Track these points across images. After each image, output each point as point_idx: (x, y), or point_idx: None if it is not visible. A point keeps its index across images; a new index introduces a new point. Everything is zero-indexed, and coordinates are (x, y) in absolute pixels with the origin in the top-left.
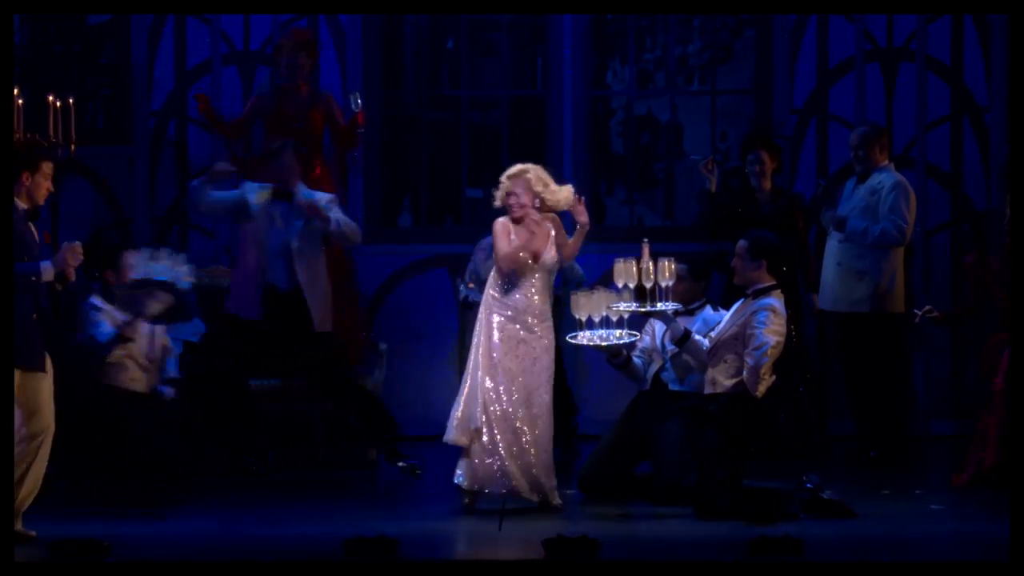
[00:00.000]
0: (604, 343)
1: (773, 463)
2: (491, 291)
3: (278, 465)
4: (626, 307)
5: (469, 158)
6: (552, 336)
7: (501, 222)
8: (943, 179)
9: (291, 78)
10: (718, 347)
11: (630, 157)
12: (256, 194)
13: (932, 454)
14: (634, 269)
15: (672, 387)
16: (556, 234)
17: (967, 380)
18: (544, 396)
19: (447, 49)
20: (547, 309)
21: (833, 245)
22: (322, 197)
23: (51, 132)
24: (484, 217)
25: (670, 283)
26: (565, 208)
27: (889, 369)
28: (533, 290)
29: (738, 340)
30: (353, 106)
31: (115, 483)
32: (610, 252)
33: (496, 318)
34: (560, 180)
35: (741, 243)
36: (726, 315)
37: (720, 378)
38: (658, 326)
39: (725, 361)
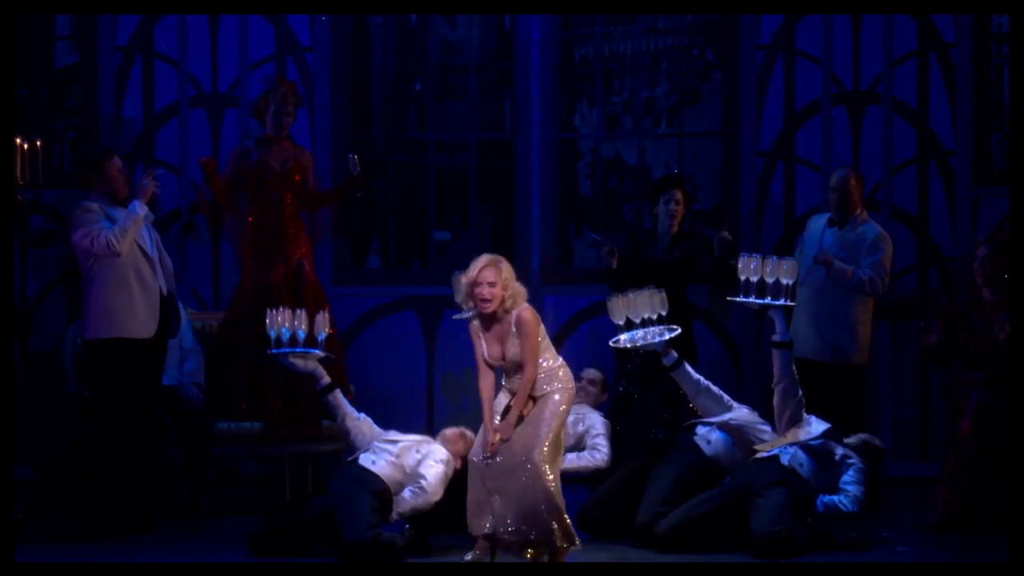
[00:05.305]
0: (642, 343)
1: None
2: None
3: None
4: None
5: (437, 201)
6: None
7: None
8: (909, 222)
9: (277, 129)
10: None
11: (598, 199)
12: (143, 209)
13: (899, 497)
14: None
15: None
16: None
17: (933, 423)
18: None
19: (414, 92)
20: None
21: (810, 294)
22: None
23: (18, 174)
24: (451, 260)
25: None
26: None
27: (860, 415)
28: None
29: None
30: (352, 168)
31: None
32: (577, 295)
33: None
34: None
35: None
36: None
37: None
38: None
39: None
